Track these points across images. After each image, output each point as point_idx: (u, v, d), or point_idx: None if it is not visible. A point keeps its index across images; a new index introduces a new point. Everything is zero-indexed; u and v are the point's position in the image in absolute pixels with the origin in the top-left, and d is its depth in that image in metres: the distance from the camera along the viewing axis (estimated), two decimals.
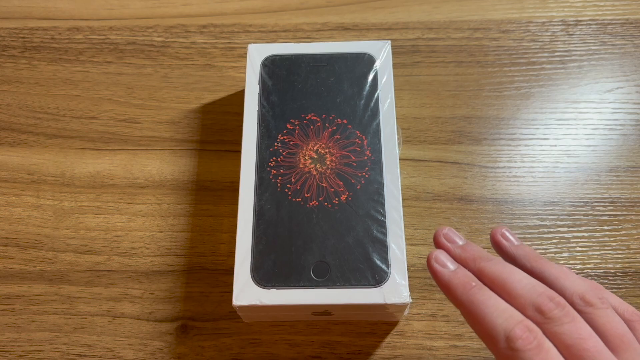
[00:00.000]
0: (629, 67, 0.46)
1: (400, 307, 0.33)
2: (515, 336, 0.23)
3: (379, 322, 0.37)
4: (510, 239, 0.28)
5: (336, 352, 0.37)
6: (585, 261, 0.39)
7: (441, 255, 0.27)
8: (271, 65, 0.40)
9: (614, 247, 0.39)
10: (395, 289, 0.33)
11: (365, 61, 0.40)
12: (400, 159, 0.41)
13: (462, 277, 0.26)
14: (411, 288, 0.38)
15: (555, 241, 0.39)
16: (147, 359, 0.37)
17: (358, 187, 0.36)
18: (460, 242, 0.28)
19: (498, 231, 0.29)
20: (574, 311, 0.24)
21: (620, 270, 0.38)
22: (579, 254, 0.39)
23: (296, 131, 0.38)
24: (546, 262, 0.27)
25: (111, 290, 0.39)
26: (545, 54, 0.46)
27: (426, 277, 0.38)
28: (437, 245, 0.28)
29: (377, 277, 0.33)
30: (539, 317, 0.24)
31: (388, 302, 0.32)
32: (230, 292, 0.33)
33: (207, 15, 0.49)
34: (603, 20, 0.48)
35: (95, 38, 0.48)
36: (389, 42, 0.41)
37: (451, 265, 0.27)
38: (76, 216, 0.41)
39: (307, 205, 0.35)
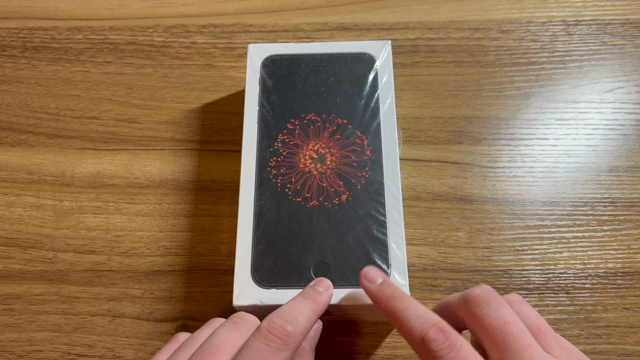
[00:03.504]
0: (629, 67, 0.46)
1: None
2: (428, 338, 0.25)
3: (379, 322, 0.37)
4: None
5: (336, 352, 0.37)
6: (586, 261, 0.39)
7: (370, 272, 0.30)
8: (271, 65, 0.40)
9: (614, 247, 0.39)
10: None
11: (365, 61, 0.40)
12: (400, 159, 0.41)
13: (387, 290, 0.29)
14: (411, 288, 0.38)
15: (555, 241, 0.39)
16: (147, 359, 0.37)
17: (358, 187, 0.36)
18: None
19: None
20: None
21: (620, 270, 0.38)
22: (579, 254, 0.39)
23: (296, 131, 0.38)
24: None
25: (111, 290, 0.39)
26: (546, 54, 0.46)
27: (426, 277, 0.38)
28: (360, 284, 0.30)
29: None
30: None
31: None
32: (230, 292, 0.33)
33: (207, 15, 0.49)
34: (603, 20, 0.48)
35: (95, 38, 0.48)
36: (389, 42, 0.41)
37: (379, 279, 0.30)
38: (76, 216, 0.41)
39: (308, 205, 0.35)
